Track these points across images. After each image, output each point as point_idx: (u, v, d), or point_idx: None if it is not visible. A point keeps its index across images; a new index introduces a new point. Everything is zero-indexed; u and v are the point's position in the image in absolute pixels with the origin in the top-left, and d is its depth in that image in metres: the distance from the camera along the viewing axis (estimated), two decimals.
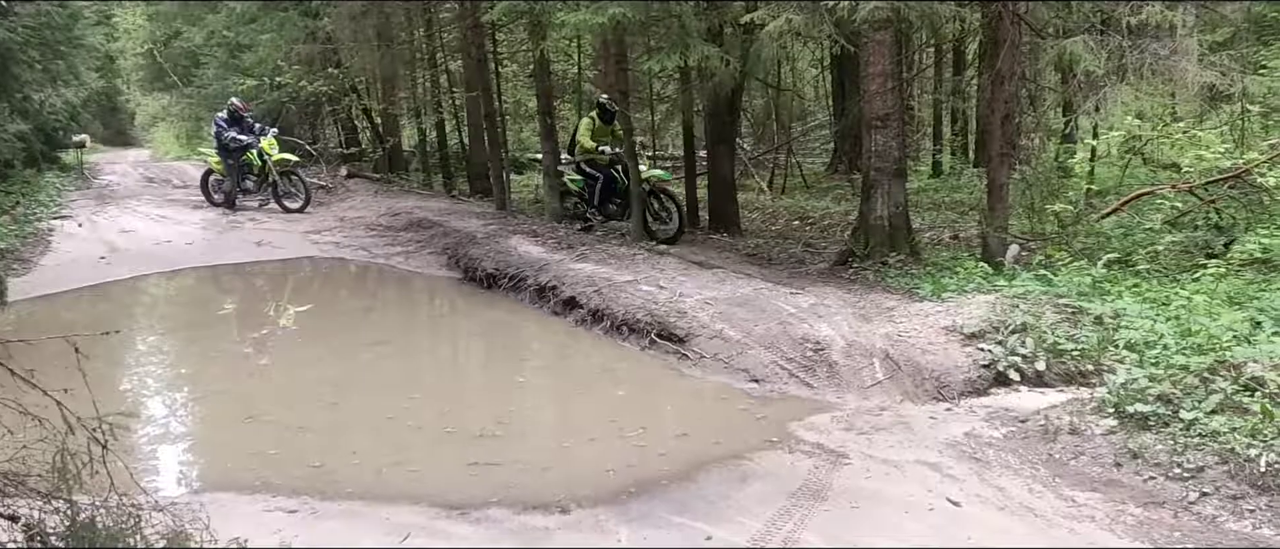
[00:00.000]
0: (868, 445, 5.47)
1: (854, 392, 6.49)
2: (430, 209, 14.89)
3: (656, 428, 5.96)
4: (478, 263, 10.93)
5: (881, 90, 9.18)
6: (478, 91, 15.09)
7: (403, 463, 5.29)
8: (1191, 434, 4.74)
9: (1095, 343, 6.35)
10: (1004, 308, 6.96)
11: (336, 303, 10.48)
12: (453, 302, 10.48)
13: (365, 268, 12.22)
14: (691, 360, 7.27)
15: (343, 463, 5.29)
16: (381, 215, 14.96)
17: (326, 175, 19.05)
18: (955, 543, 4.16)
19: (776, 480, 4.92)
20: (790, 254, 11.12)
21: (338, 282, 11.65)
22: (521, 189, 17.85)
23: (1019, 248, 9.52)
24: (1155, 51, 7.63)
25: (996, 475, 4.92)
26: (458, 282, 11.10)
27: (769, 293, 8.39)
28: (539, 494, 4.80)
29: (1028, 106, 11.03)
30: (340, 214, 15.70)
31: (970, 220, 12.07)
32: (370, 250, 13.00)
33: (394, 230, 13.94)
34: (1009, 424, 5.60)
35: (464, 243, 11.86)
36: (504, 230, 12.28)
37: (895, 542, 4.17)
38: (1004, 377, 6.39)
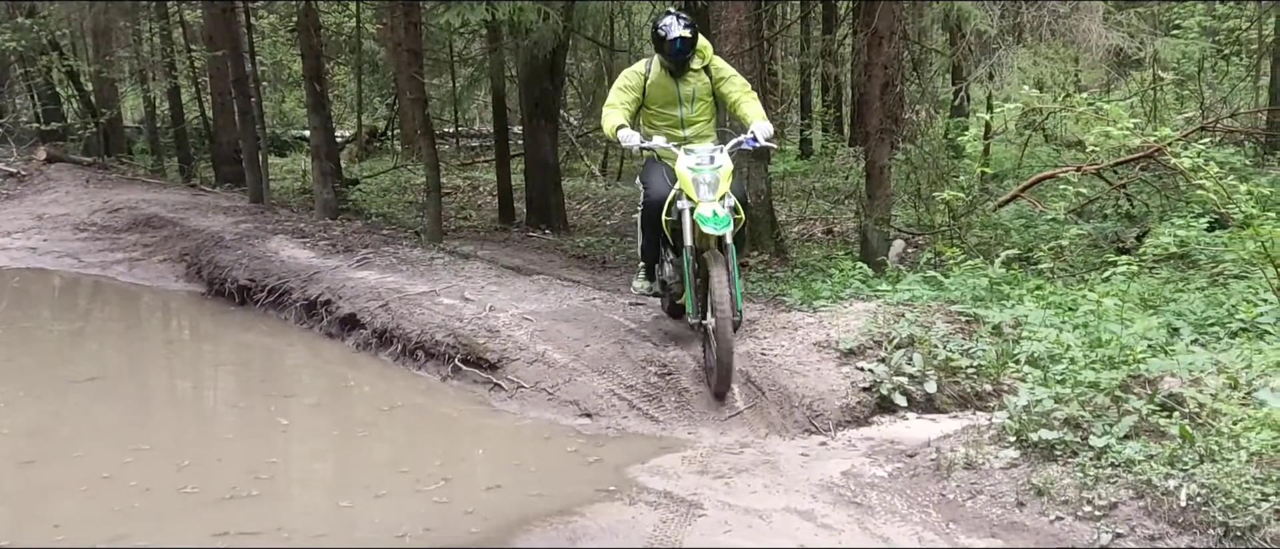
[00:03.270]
0: (727, 492, 5.54)
1: (709, 425, 6.57)
2: (163, 203, 14.30)
3: (462, 479, 5.88)
4: (227, 272, 10.56)
5: (737, 51, 9.37)
6: (224, 51, 14.59)
7: (124, 536, 5.02)
8: (1103, 464, 5.00)
9: (993, 358, 6.63)
10: (887, 318, 7.20)
11: (34, 327, 9.90)
12: (194, 322, 10.08)
13: (74, 280, 11.63)
14: (506, 391, 7.22)
15: (40, 541, 4.98)
16: (95, 211, 14.26)
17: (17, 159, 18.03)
18: None
19: (615, 540, 4.92)
20: (629, 255, 11.20)
21: (35, 299, 11.03)
22: (284, 176, 17.38)
23: (904, 244, 9.90)
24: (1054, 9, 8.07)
25: (881, 523, 5.06)
26: (200, 296, 10.70)
27: (604, 304, 8.42)
28: None
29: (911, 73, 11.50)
30: (38, 210, 14.89)
31: (846, 211, 12.49)
32: (80, 258, 12.37)
33: (113, 231, 13.32)
34: (895, 460, 5.77)
35: (208, 246, 11.44)
36: (261, 230, 11.91)
37: None
38: (888, 401, 6.60)
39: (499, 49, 12.43)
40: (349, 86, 21.08)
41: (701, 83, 7.15)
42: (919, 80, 11.51)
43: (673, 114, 7.21)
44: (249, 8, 15.17)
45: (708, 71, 7.15)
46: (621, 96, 7.09)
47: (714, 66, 7.18)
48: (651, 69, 7.15)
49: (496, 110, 13.98)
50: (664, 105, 7.19)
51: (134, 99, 20.54)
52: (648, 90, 7.14)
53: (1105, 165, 10.01)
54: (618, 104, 7.04)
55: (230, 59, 14.47)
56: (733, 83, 7.18)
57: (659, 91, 7.16)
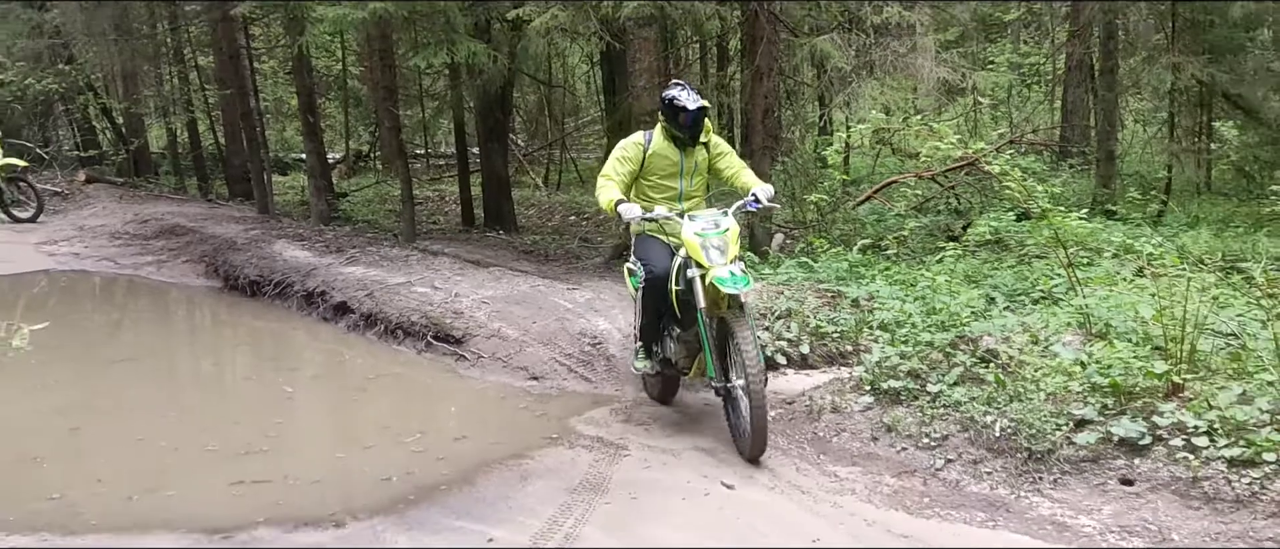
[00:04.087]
0: (646, 436, 5.60)
1: (631, 383, 6.61)
2: (185, 215, 13.95)
3: (435, 432, 5.86)
4: (239, 270, 10.36)
5: (649, 86, 9.41)
6: (232, 89, 14.28)
7: (156, 488, 4.93)
8: (937, 406, 5.13)
9: (853, 325, 6.75)
10: (771, 295, 7.29)
11: (78, 319, 9.63)
12: (213, 312, 9.88)
13: (111, 280, 11.32)
14: (470, 361, 7.19)
15: (86, 493, 4.87)
16: (128, 222, 13.88)
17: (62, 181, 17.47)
18: (730, 524, 4.32)
19: (557, 477, 4.94)
20: (567, 250, 11.20)
21: (79, 295, 10.73)
22: (286, 191, 17.05)
23: (783, 236, 10.01)
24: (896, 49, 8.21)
25: (767, 456, 5.15)
26: (218, 291, 10.48)
27: (546, 289, 8.42)
28: (311, 510, 4.61)
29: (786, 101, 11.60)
30: (79, 222, 14.44)
31: None
32: (116, 261, 12.05)
33: (143, 238, 12.97)
34: (777, 406, 5.87)
35: (224, 249, 11.21)
36: (267, 235, 11.69)
37: (673, 528, 4.29)
38: (772, 361, 6.68)
39: (458, 85, 12.31)
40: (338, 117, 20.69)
41: (702, 157, 5.83)
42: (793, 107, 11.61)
43: (671, 186, 5.76)
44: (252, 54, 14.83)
45: (707, 147, 5.84)
46: (619, 168, 5.64)
47: (713, 142, 5.87)
48: (653, 140, 5.72)
49: (457, 135, 13.84)
50: (664, 176, 5.75)
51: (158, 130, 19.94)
52: (647, 161, 5.71)
53: (937, 172, 10.22)
54: (614, 176, 5.62)
55: (237, 96, 14.15)
56: (732, 159, 5.90)
57: (661, 163, 5.72)
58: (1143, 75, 11.23)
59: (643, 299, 5.63)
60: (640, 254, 5.68)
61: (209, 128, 18.43)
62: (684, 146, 5.71)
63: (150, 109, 19.20)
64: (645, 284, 5.53)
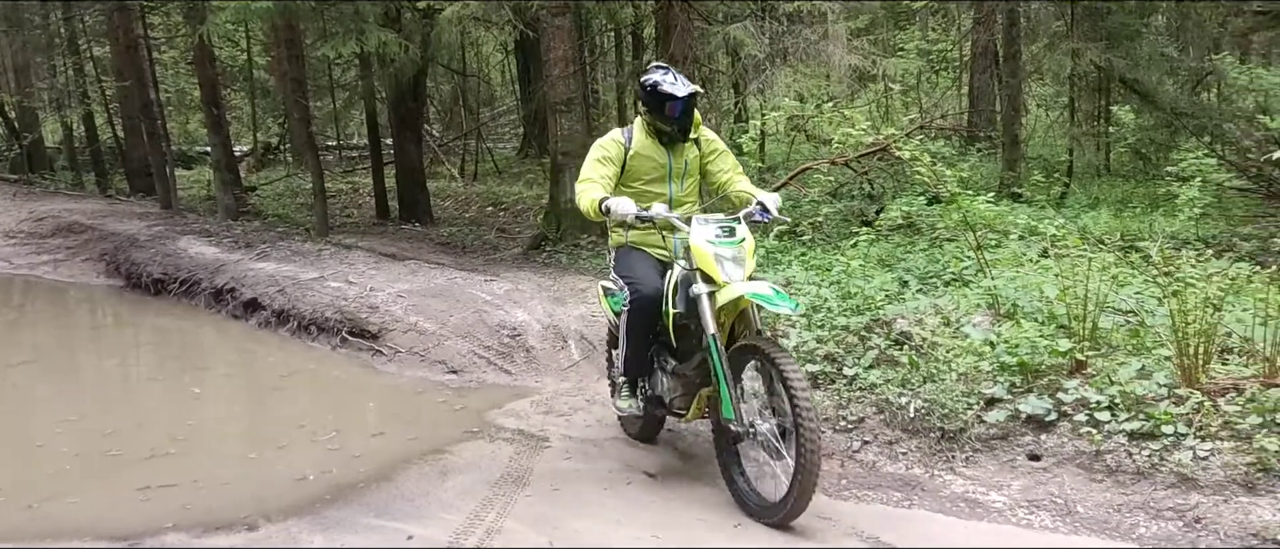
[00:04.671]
0: (567, 426, 5.58)
1: (552, 374, 6.59)
2: (83, 211, 13.46)
3: (352, 429, 5.75)
4: (143, 268, 10.04)
5: (564, 75, 9.35)
6: (130, 81, 13.80)
7: (58, 495, 4.75)
8: (854, 388, 5.22)
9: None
10: None
11: None
12: (115, 311, 9.56)
13: (7, 280, 10.88)
14: (386, 356, 7.08)
15: None
16: (22, 221, 13.34)
17: None
18: (652, 513, 4.34)
19: (478, 471, 4.90)
20: (484, 241, 11.10)
21: None
22: (191, 186, 16.57)
23: None
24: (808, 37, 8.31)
25: (687, 443, 5.19)
26: (119, 290, 10.15)
27: (464, 281, 8.34)
28: (223, 513, 4.49)
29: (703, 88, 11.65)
30: None
31: None
32: (10, 260, 11.58)
33: (39, 237, 12.49)
34: None
35: (125, 246, 10.85)
36: (171, 231, 11.35)
37: (596, 519, 4.29)
38: None
39: (369, 76, 12.11)
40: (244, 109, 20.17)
41: (693, 155, 4.84)
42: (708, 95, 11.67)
43: (659, 191, 4.75)
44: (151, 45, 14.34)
45: (699, 143, 4.88)
46: (599, 169, 4.70)
47: (705, 138, 4.90)
48: (634, 137, 4.78)
49: (370, 126, 13.61)
50: (650, 181, 4.76)
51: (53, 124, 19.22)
52: (629, 163, 4.73)
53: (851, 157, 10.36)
54: (595, 178, 4.68)
55: (136, 88, 13.69)
56: (726, 158, 4.93)
57: (645, 165, 4.75)
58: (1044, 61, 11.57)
59: (628, 324, 4.67)
60: (623, 271, 4.74)
61: (107, 121, 17.81)
62: (672, 143, 4.74)
63: (44, 102, 18.46)
64: (631, 306, 4.60)
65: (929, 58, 15.29)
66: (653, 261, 4.75)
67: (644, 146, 4.76)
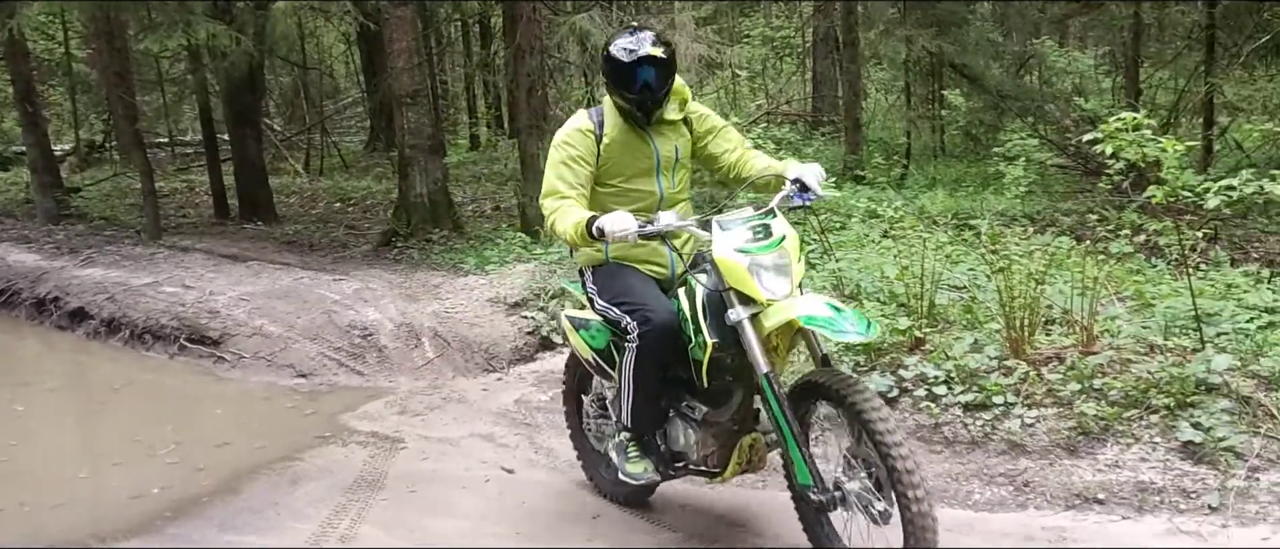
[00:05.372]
0: (423, 426, 5.50)
1: (406, 374, 6.48)
2: None
3: (193, 441, 5.51)
4: None
5: (408, 66, 9.17)
6: None
7: None
8: None
9: None
10: (543, 274, 7.34)
11: None
12: None
13: None
14: (229, 362, 6.82)
15: None
16: None
17: None
18: (512, 509, 4.33)
19: (331, 477, 4.77)
20: (332, 238, 10.80)
21: None
22: (7, 188, 15.52)
23: None
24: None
25: (546, 437, 5.19)
26: None
27: (311, 281, 8.10)
28: (55, 537, 4.24)
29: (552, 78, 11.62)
30: None
31: (509, 191, 12.50)
32: None
33: None
34: (555, 386, 5.89)
35: None
36: None
37: (454, 518, 4.25)
38: (548, 341, 6.75)
39: (200, 69, 11.58)
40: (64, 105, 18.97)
41: (683, 139, 3.80)
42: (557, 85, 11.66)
43: (644, 190, 3.72)
44: None
45: (689, 123, 3.84)
46: (570, 174, 3.59)
47: (695, 114, 3.85)
48: (607, 123, 3.68)
49: (204, 120, 13.00)
50: (632, 177, 3.70)
51: None
52: (604, 157, 3.66)
53: None
54: (568, 189, 3.57)
55: None
56: (728, 134, 3.89)
57: (624, 157, 3.68)
58: (881, 47, 12.02)
59: (638, 366, 3.54)
60: (616, 296, 3.61)
61: None
62: (657, 126, 3.71)
63: None
64: (643, 342, 3.47)
65: (773, 45, 15.69)
66: (646, 279, 3.67)
67: (620, 134, 3.67)
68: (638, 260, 3.74)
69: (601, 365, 3.89)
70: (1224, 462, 3.91)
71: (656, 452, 3.78)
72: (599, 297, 3.71)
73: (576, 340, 3.98)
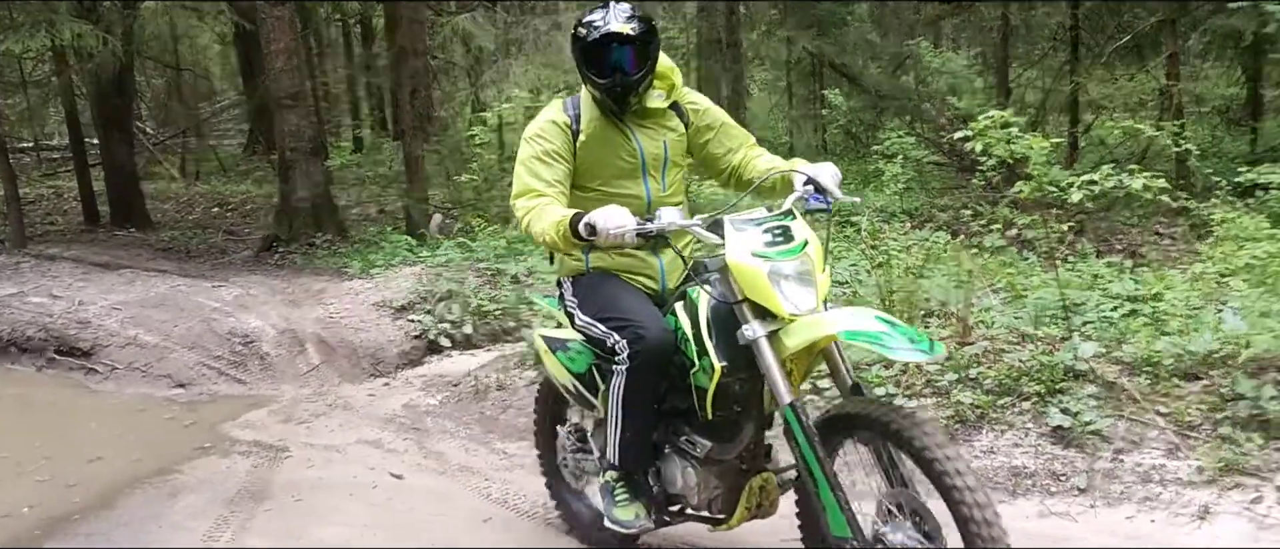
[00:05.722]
0: (308, 434, 5.39)
1: (290, 381, 6.34)
2: None
3: (64, 457, 5.27)
4: None
5: (288, 68, 8.96)
6: None
7: None
8: None
9: (514, 301, 6.89)
10: (430, 278, 7.27)
11: None
12: None
13: None
14: (102, 374, 6.56)
15: None
16: None
17: None
18: (401, 515, 4.28)
19: (212, 488, 4.64)
20: (211, 244, 10.48)
21: None
22: None
23: (442, 217, 9.97)
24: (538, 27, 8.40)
25: (435, 442, 5.14)
26: None
27: (189, 289, 7.85)
28: None
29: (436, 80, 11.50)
30: None
31: (394, 194, 12.32)
32: None
33: None
34: (444, 390, 5.88)
35: None
36: None
37: (341, 526, 4.18)
38: (436, 344, 6.69)
39: (66, 70, 11.08)
40: None
41: (673, 133, 3.24)
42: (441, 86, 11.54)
43: (630, 194, 3.15)
44: None
45: (681, 113, 3.26)
46: (544, 172, 3.07)
47: (690, 106, 3.28)
48: (583, 116, 3.15)
49: (71, 124, 12.45)
50: (613, 179, 3.17)
51: None
52: (580, 154, 3.14)
53: None
54: (545, 186, 3.04)
55: None
56: (730, 131, 3.31)
57: (603, 155, 3.16)
58: (763, 48, 12.25)
59: (628, 392, 2.99)
60: (602, 311, 3.08)
61: None
62: (643, 119, 3.17)
63: None
64: (634, 365, 2.93)
65: None
66: (635, 292, 3.17)
67: (598, 128, 3.14)
68: (624, 270, 3.20)
69: (582, 392, 3.30)
70: (1091, 445, 4.09)
71: (649, 493, 3.20)
72: (581, 312, 3.16)
73: (552, 364, 3.40)
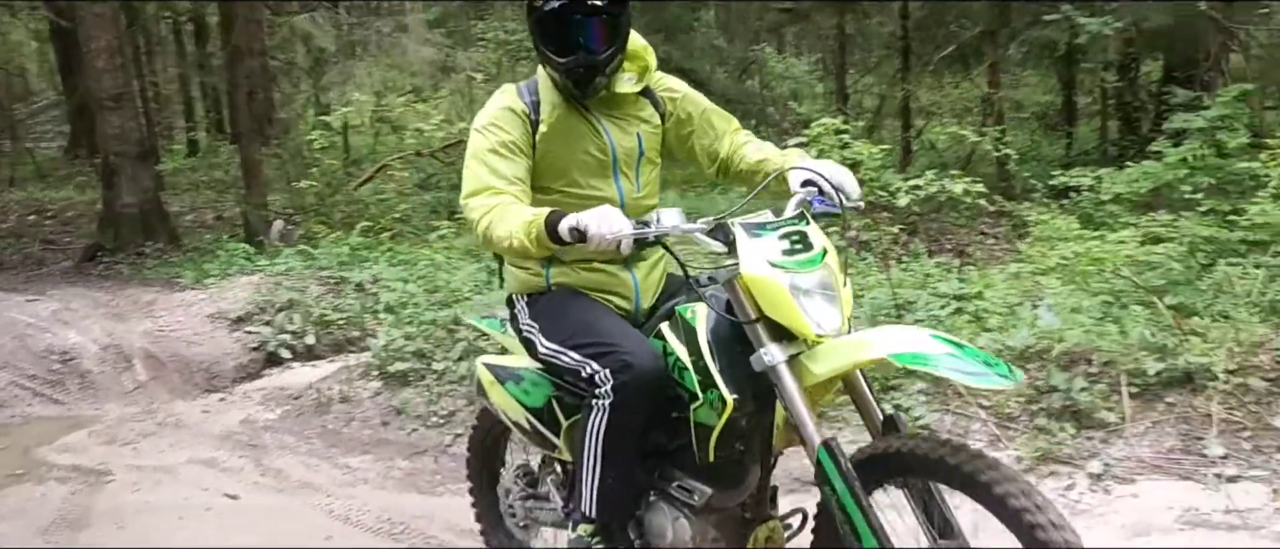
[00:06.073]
0: (134, 455, 5.08)
1: (115, 399, 5.97)
2: None
3: None
4: None
5: (110, 67, 8.46)
6: None
7: None
8: (443, 383, 5.24)
9: (359, 310, 6.69)
10: (269, 287, 6.98)
11: None
12: None
13: None
14: None
15: None
16: None
17: None
18: (237, 537, 4.07)
19: (24, 518, 4.30)
20: (26, 255, 9.82)
21: None
22: None
23: (283, 224, 9.61)
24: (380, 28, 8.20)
25: (274, 459, 4.92)
26: None
27: (1, 303, 7.30)
28: None
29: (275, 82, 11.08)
30: None
31: (231, 199, 11.82)
32: None
33: None
34: (284, 404, 5.64)
35: None
36: None
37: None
38: (276, 356, 6.43)
39: None
40: None
41: (647, 125, 2.76)
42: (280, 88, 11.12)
43: (599, 195, 2.61)
44: None
45: (655, 101, 2.78)
46: (504, 165, 2.53)
47: (667, 94, 2.82)
48: (543, 103, 2.63)
49: None
50: (580, 178, 2.64)
51: None
52: (540, 148, 2.61)
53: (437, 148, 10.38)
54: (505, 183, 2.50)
55: None
56: (715, 117, 2.85)
57: (567, 150, 2.63)
58: None
59: (609, 431, 2.46)
60: (568, 334, 2.56)
61: None
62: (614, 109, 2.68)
63: None
64: (618, 399, 2.41)
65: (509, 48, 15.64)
66: (613, 314, 2.63)
67: (561, 119, 2.61)
68: (592, 288, 2.66)
69: (539, 431, 2.75)
70: None
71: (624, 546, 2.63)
72: (545, 338, 2.61)
73: (500, 397, 2.81)
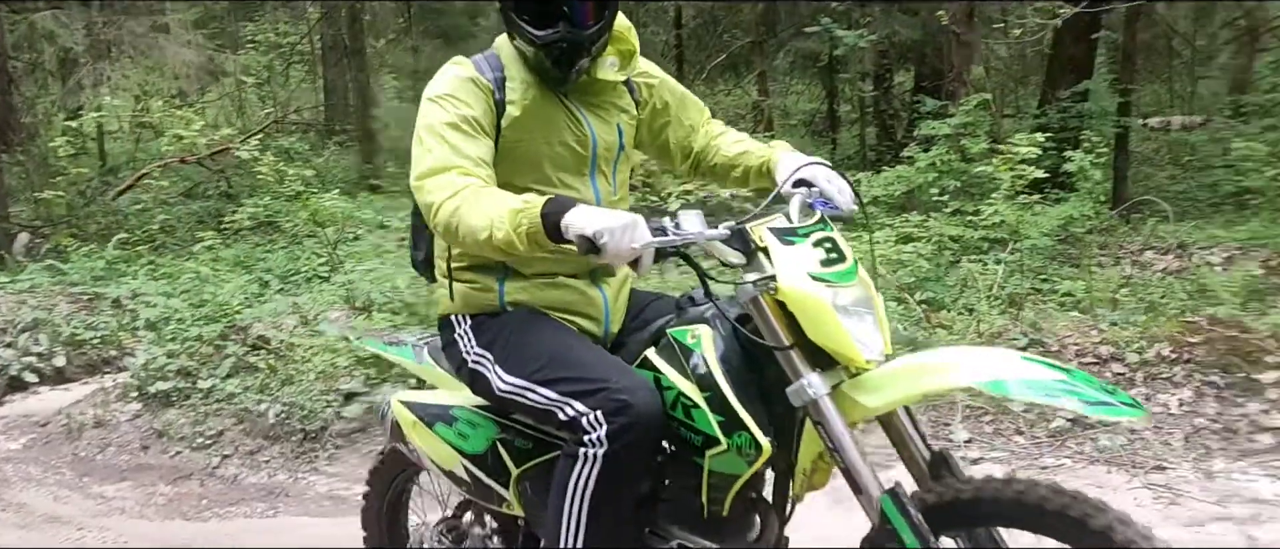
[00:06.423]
0: None
1: None
2: None
3: None
4: None
5: None
6: None
7: None
8: (211, 401, 5.00)
9: (115, 328, 6.29)
10: (11, 306, 6.44)
11: None
12: None
13: None
14: None
15: None
16: None
17: None
18: None
19: None
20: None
21: None
22: None
23: (30, 237, 8.90)
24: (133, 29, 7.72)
25: (17, 492, 4.56)
26: None
27: None
28: None
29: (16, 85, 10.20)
30: None
31: None
32: None
33: None
34: (29, 432, 5.24)
35: None
36: None
37: None
38: (20, 381, 5.94)
39: None
40: None
41: (626, 116, 2.28)
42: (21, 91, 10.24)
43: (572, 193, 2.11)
44: None
45: (632, 89, 2.30)
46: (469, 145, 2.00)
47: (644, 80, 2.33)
48: (510, 81, 2.11)
49: None
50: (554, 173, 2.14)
51: None
52: (506, 136, 2.09)
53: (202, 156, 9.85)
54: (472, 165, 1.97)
55: None
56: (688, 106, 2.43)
57: (541, 138, 2.12)
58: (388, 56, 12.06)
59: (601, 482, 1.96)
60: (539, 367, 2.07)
61: None
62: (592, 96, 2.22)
63: None
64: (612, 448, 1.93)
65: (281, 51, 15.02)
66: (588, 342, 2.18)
67: (533, 102, 2.13)
68: (556, 308, 2.19)
69: (479, 480, 2.28)
70: None
71: None
72: (503, 371, 2.12)
73: (426, 440, 2.35)
